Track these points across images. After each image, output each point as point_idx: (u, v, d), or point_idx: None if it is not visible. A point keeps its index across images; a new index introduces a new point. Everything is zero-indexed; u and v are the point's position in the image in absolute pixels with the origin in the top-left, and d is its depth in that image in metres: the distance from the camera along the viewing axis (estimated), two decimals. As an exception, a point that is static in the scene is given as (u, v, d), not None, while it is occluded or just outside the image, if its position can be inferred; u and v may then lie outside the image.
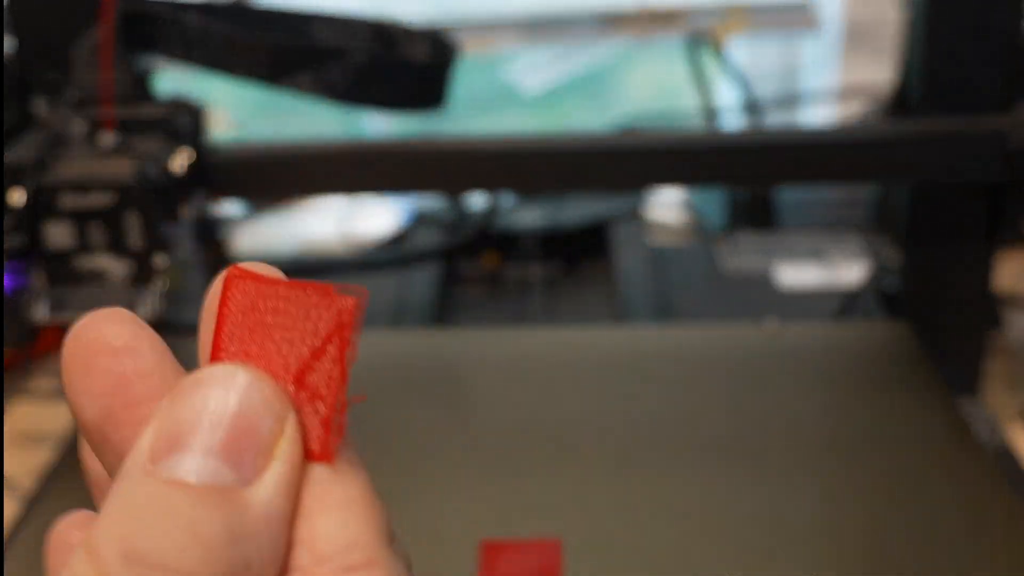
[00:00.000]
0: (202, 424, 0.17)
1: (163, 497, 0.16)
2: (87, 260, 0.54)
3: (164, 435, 0.17)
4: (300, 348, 0.18)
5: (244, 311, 0.18)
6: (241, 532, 0.16)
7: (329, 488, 0.18)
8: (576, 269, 0.86)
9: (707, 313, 0.75)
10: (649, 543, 0.50)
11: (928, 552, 0.48)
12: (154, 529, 0.16)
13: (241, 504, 0.17)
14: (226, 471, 0.17)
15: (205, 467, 0.17)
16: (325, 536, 0.17)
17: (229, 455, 0.17)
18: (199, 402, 0.17)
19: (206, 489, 0.16)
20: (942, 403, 0.59)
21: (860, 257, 0.81)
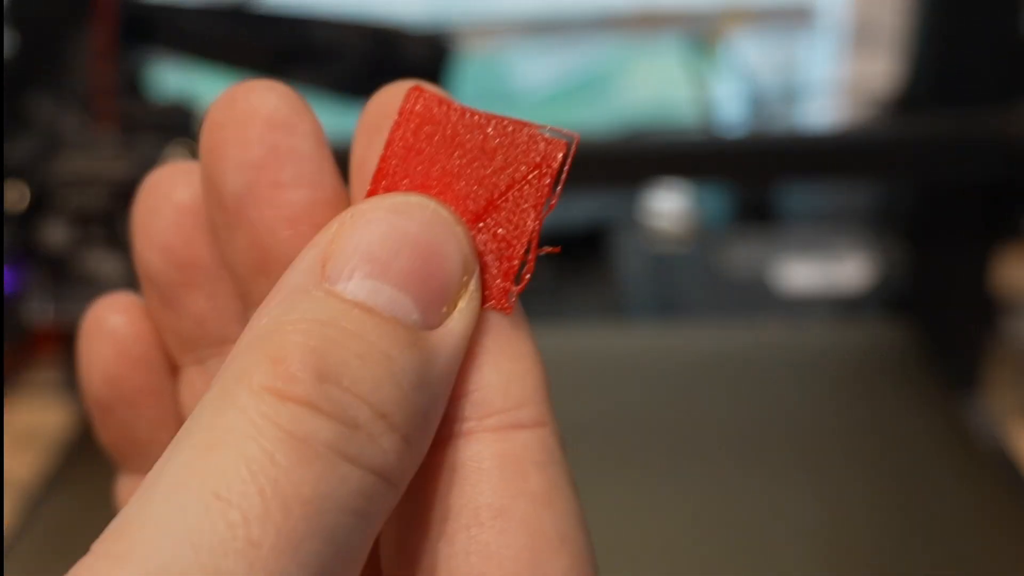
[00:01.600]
0: (391, 251, 0.15)
1: (355, 319, 0.14)
2: (86, 259, 0.54)
3: (345, 252, 0.15)
4: (488, 184, 0.16)
5: (421, 132, 0.16)
6: (426, 380, 0.15)
7: (503, 340, 0.16)
8: (576, 269, 0.86)
9: (707, 313, 0.75)
10: (649, 543, 0.49)
11: (928, 551, 0.48)
12: (349, 353, 0.14)
13: (428, 348, 0.15)
14: (413, 309, 0.15)
15: (392, 298, 0.15)
16: (497, 388, 0.16)
17: (417, 292, 0.15)
18: (389, 228, 0.15)
19: (397, 322, 0.15)
20: (942, 403, 0.59)
21: (861, 256, 0.80)
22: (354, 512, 0.14)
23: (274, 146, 0.17)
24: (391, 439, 0.14)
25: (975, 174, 0.60)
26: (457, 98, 0.17)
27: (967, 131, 0.59)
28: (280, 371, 0.14)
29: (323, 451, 0.13)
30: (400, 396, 0.14)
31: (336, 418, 0.14)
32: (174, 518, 0.13)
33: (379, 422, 0.14)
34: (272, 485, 0.13)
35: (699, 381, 0.62)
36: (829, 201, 0.91)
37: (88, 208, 0.53)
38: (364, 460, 0.14)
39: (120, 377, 0.20)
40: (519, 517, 0.15)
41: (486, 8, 1.28)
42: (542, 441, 0.16)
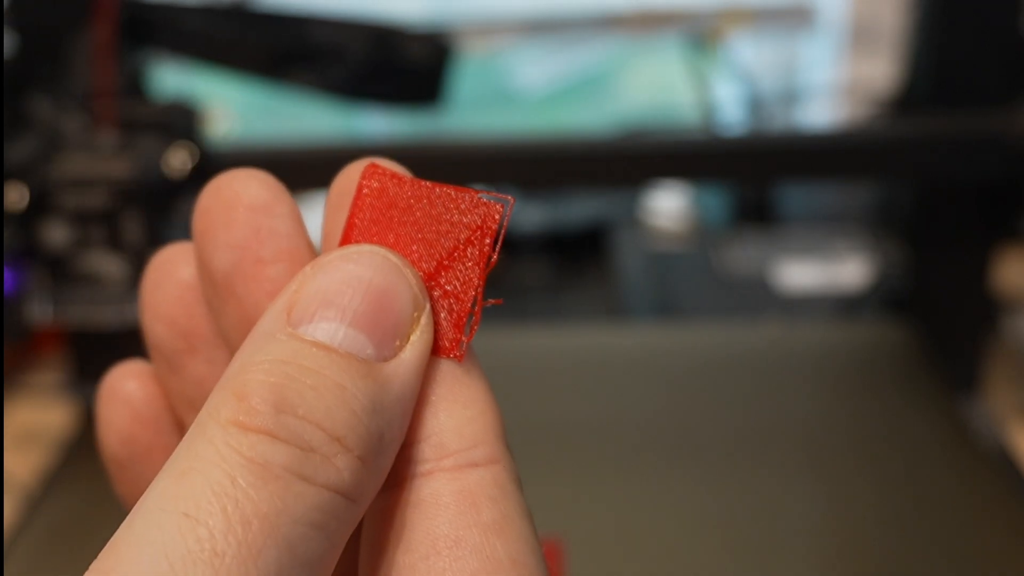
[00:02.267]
0: (347, 295, 0.17)
1: (310, 356, 0.16)
2: (86, 259, 0.54)
3: (307, 299, 0.17)
4: (437, 246, 0.18)
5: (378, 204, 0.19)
6: (380, 405, 0.17)
7: (456, 386, 0.18)
8: (576, 269, 0.86)
9: (707, 313, 0.75)
10: (649, 543, 0.50)
11: (928, 551, 0.48)
12: (304, 384, 0.16)
13: (381, 378, 0.17)
14: (367, 344, 0.17)
15: (348, 336, 0.17)
16: (451, 431, 0.18)
17: (370, 330, 0.17)
18: (345, 274, 0.17)
19: (351, 356, 0.17)
20: (942, 403, 0.59)
21: (861, 256, 0.80)
22: (311, 525, 0.15)
23: (256, 227, 0.19)
24: (345, 459, 0.16)
25: (975, 174, 0.60)
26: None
27: (967, 131, 0.59)
28: (243, 406, 0.16)
29: (280, 472, 0.15)
30: (354, 421, 0.16)
31: (292, 443, 0.16)
32: (151, 536, 0.15)
33: (333, 444, 0.16)
34: (233, 504, 0.15)
35: (699, 381, 0.62)
36: (829, 201, 0.91)
37: (88, 208, 0.53)
38: (319, 479, 0.16)
39: (134, 437, 0.22)
40: (472, 545, 0.17)
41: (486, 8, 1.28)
42: (494, 477, 0.18)
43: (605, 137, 0.64)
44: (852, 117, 1.01)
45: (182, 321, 0.21)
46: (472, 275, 0.18)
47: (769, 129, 0.88)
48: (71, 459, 0.58)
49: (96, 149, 0.55)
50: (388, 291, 0.17)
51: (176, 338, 0.21)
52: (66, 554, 0.51)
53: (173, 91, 0.61)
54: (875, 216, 0.85)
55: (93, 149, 0.55)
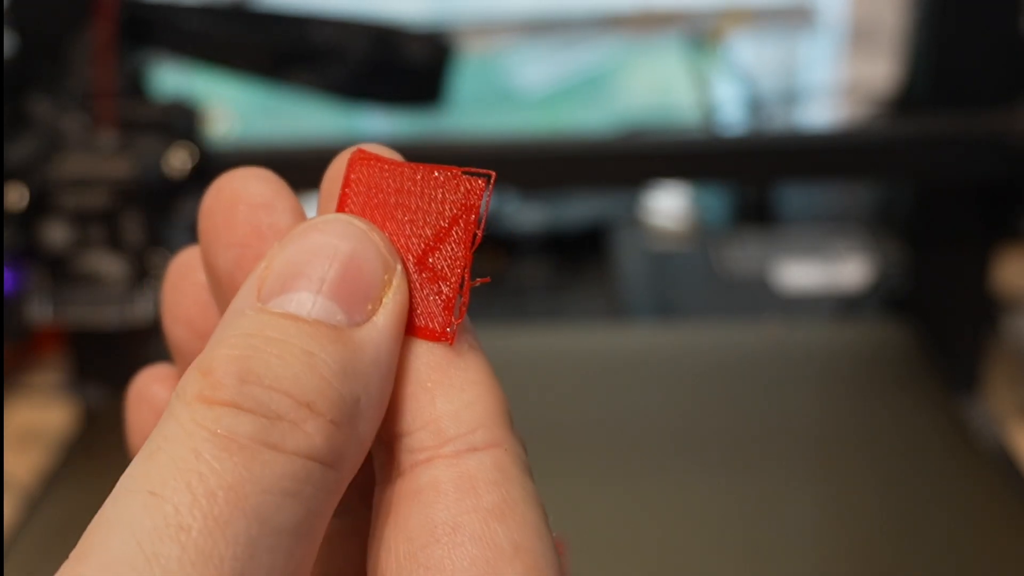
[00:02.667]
0: (314, 265, 0.17)
1: (276, 326, 0.16)
2: (86, 259, 0.54)
3: (275, 274, 0.17)
4: (424, 229, 0.18)
5: (366, 190, 0.19)
6: (352, 369, 0.17)
7: (452, 370, 0.18)
8: (576, 269, 0.86)
9: (707, 313, 0.75)
10: (650, 542, 0.50)
11: (928, 551, 0.48)
12: (269, 354, 0.16)
13: (352, 343, 0.17)
14: (336, 311, 0.17)
15: (316, 304, 0.17)
16: (449, 416, 0.17)
17: (340, 296, 0.17)
18: (312, 245, 0.17)
19: (318, 323, 0.17)
20: (942, 403, 0.59)
21: (861, 256, 0.80)
22: (283, 492, 0.15)
23: (256, 225, 0.19)
24: (315, 423, 0.16)
25: (975, 174, 0.60)
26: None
27: (967, 131, 0.59)
28: (207, 380, 0.16)
29: (246, 442, 0.15)
30: (323, 385, 0.16)
31: (257, 412, 0.16)
32: (120, 517, 0.15)
33: (301, 410, 0.16)
34: (197, 477, 0.15)
35: (699, 381, 0.62)
36: (829, 201, 0.91)
37: (88, 208, 0.53)
38: (288, 446, 0.16)
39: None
40: (471, 531, 0.17)
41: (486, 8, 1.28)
42: (495, 460, 0.17)
43: (605, 137, 0.64)
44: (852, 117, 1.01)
45: (200, 323, 0.21)
46: (458, 255, 0.18)
47: (769, 129, 0.88)
48: (71, 459, 0.58)
49: (96, 149, 0.55)
50: (355, 256, 0.17)
51: (196, 340, 0.21)
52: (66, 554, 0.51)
53: (173, 91, 0.61)
54: (875, 216, 0.85)
55: (93, 149, 0.55)
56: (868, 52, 1.16)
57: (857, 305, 0.73)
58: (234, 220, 0.19)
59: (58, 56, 0.58)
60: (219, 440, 0.15)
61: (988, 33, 0.59)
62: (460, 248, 0.18)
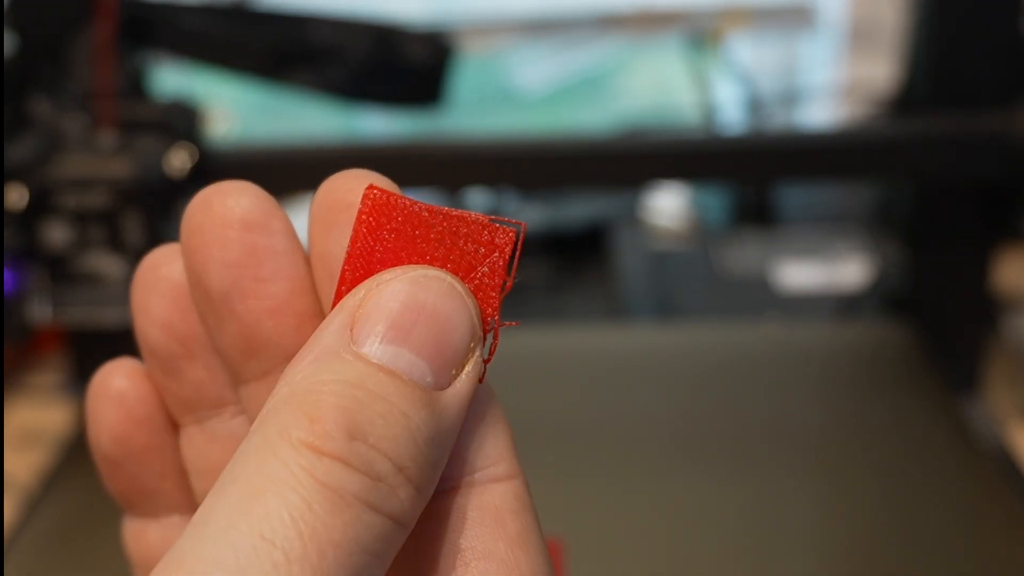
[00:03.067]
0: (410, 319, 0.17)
1: (378, 382, 0.17)
2: (86, 259, 0.54)
3: (370, 320, 0.17)
4: (450, 271, 0.18)
5: (384, 232, 0.18)
6: (438, 436, 0.17)
7: (476, 406, 0.18)
8: (576, 269, 0.86)
9: (707, 313, 0.75)
10: (649, 543, 0.50)
11: (928, 552, 0.48)
12: (374, 413, 0.16)
13: (439, 407, 0.17)
14: (427, 373, 0.17)
15: (411, 363, 0.17)
16: (474, 449, 0.18)
17: (431, 357, 0.17)
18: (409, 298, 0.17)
19: (414, 385, 0.17)
20: (942, 403, 0.59)
21: (861, 256, 0.80)
22: (374, 553, 0.16)
23: (252, 246, 0.19)
24: (407, 490, 0.16)
25: (975, 174, 0.60)
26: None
27: (967, 131, 0.59)
28: (316, 429, 0.16)
29: (352, 501, 0.16)
30: (416, 451, 0.17)
31: (363, 472, 0.16)
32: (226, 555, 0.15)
33: (398, 475, 0.16)
34: (310, 530, 0.15)
35: (699, 381, 0.62)
36: (829, 201, 0.91)
37: (88, 208, 0.53)
38: (385, 508, 0.16)
39: (127, 436, 0.22)
40: (499, 558, 0.18)
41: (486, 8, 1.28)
42: (515, 492, 0.18)
43: (605, 137, 0.64)
44: (852, 117, 1.01)
45: (178, 325, 0.21)
46: (489, 299, 0.18)
47: (769, 129, 0.88)
48: (71, 459, 0.58)
49: (96, 149, 0.55)
50: (451, 320, 0.17)
51: (172, 342, 0.21)
52: (66, 554, 0.51)
53: (173, 91, 0.61)
54: (875, 216, 0.85)
55: (93, 149, 0.55)
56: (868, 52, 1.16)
57: (857, 305, 0.73)
58: (227, 240, 0.19)
59: (58, 56, 0.58)
60: (329, 494, 0.15)
61: (988, 33, 0.59)
62: (492, 293, 0.18)
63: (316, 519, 0.15)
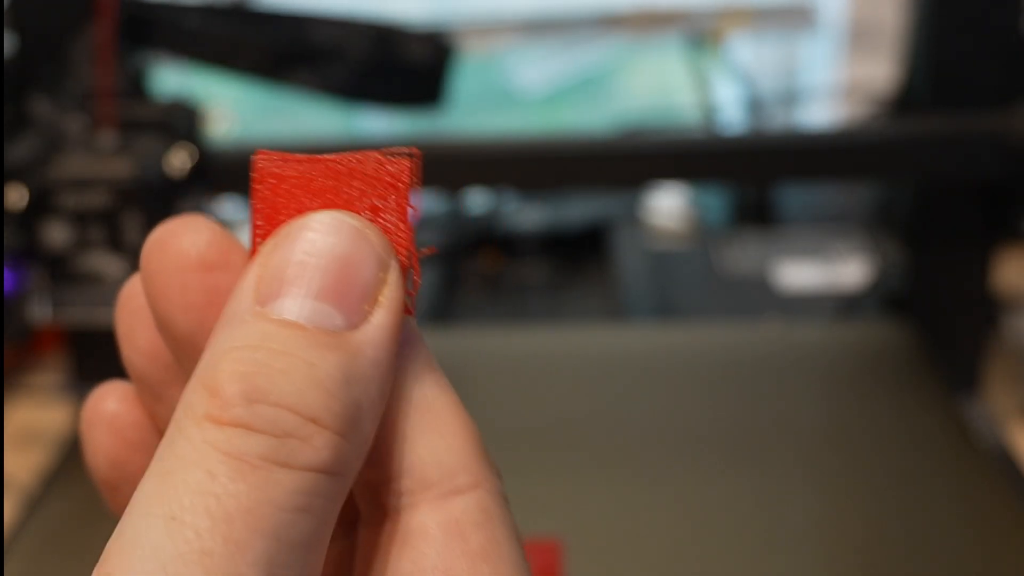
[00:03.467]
0: (309, 267, 0.17)
1: (278, 337, 0.16)
2: (86, 259, 0.54)
3: (270, 277, 0.17)
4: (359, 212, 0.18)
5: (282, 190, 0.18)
6: (353, 375, 0.17)
7: (430, 415, 0.18)
8: (576, 269, 0.86)
9: (707, 313, 0.75)
10: (649, 543, 0.50)
11: (928, 552, 0.48)
12: (273, 369, 0.16)
13: (352, 347, 0.17)
14: (335, 314, 0.17)
15: (315, 309, 0.17)
16: (431, 463, 0.18)
17: (337, 299, 0.17)
18: (306, 245, 0.17)
19: (319, 331, 0.17)
20: (942, 403, 0.59)
21: (860, 257, 0.80)
22: (296, 509, 0.16)
23: (214, 287, 0.19)
24: (323, 437, 0.16)
25: (975, 174, 0.60)
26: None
27: (966, 131, 0.59)
28: (216, 401, 0.16)
29: (258, 463, 0.16)
30: (327, 397, 0.16)
31: (267, 432, 0.16)
32: (141, 541, 0.15)
33: (308, 426, 0.16)
34: (215, 501, 0.15)
35: (699, 381, 0.62)
36: (829, 202, 0.91)
37: (88, 208, 0.53)
38: (298, 462, 0.16)
39: (124, 460, 0.22)
40: (460, 575, 0.17)
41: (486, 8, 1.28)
42: (478, 503, 0.18)
43: (605, 137, 0.64)
44: (852, 117, 1.01)
45: (162, 353, 0.21)
46: (400, 231, 0.18)
47: (769, 129, 0.88)
48: (71, 459, 0.58)
49: (96, 149, 0.55)
50: (351, 256, 0.17)
51: (158, 370, 0.21)
52: (66, 554, 0.51)
53: (173, 91, 0.61)
54: (875, 216, 0.85)
55: (93, 149, 0.55)
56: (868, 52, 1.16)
57: (857, 305, 0.73)
58: (186, 284, 0.19)
59: (58, 56, 0.58)
60: (232, 461, 0.16)
61: (988, 33, 0.59)
62: (400, 225, 0.18)
63: (220, 488, 0.15)
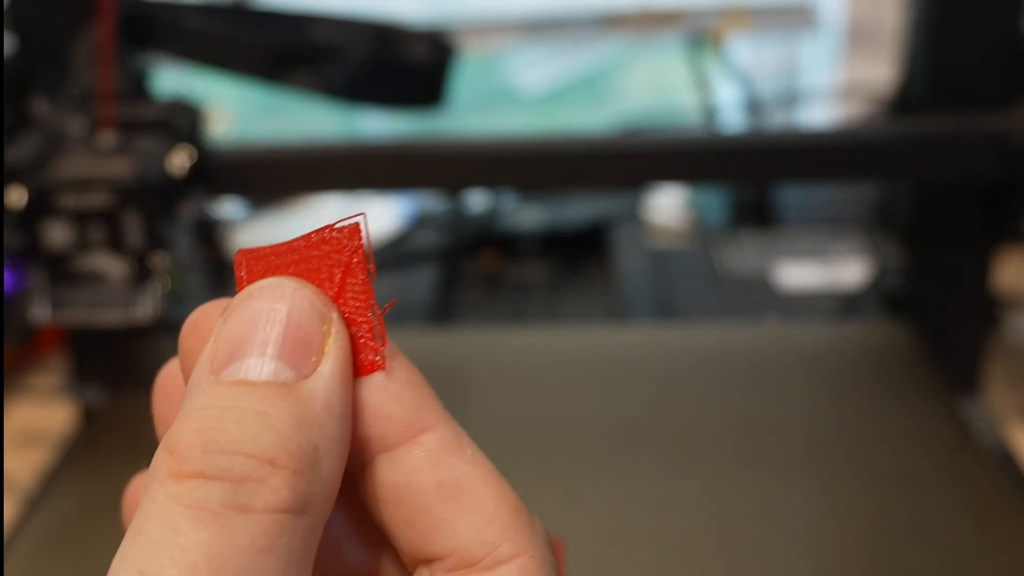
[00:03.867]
0: (257, 330, 0.18)
1: (231, 395, 0.18)
2: (86, 260, 0.54)
3: (224, 347, 0.18)
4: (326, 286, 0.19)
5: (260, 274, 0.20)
6: (306, 419, 0.18)
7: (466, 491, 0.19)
8: (576, 269, 0.86)
9: (707, 313, 0.75)
10: (649, 542, 0.50)
11: (928, 552, 0.48)
12: (227, 421, 0.17)
13: (302, 395, 0.18)
14: (284, 369, 0.18)
15: (265, 368, 0.18)
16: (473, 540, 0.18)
17: (285, 355, 0.18)
18: (252, 311, 0.18)
19: (269, 384, 0.18)
20: (942, 403, 0.59)
21: (860, 257, 0.81)
22: (260, 551, 0.16)
23: None
24: (280, 477, 0.17)
25: (974, 174, 0.60)
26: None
27: (966, 131, 0.59)
28: (175, 457, 0.17)
29: (218, 510, 0.16)
30: (280, 440, 0.17)
31: (223, 478, 0.17)
32: None
33: (264, 467, 0.17)
34: (180, 551, 0.16)
35: (698, 381, 0.62)
36: (828, 202, 0.91)
37: (88, 208, 0.53)
38: (258, 504, 0.17)
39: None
40: None
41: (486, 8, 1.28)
42: (521, 569, 0.18)
43: (605, 137, 0.64)
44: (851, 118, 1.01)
45: None
46: (361, 293, 0.19)
47: (769, 129, 0.88)
48: (71, 459, 0.58)
49: (96, 149, 0.55)
50: (292, 314, 0.18)
51: None
52: (66, 554, 0.51)
53: (173, 91, 0.61)
54: (875, 217, 0.85)
55: (93, 149, 0.55)
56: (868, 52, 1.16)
57: (857, 305, 0.73)
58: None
59: (59, 56, 0.58)
60: (192, 512, 0.16)
61: (988, 33, 0.59)
62: (361, 287, 0.19)
63: (185, 540, 0.16)
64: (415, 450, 0.19)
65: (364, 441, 0.19)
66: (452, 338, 0.70)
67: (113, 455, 0.57)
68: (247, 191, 0.72)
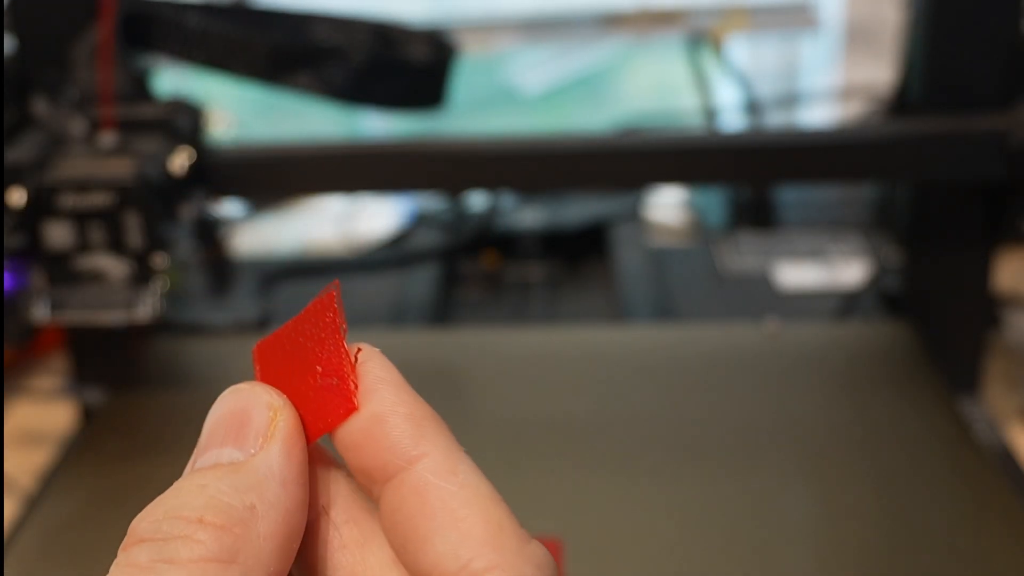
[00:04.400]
0: (218, 426, 0.21)
1: (188, 480, 0.20)
2: (87, 260, 0.54)
3: (199, 445, 0.21)
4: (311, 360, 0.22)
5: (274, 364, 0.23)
6: (243, 484, 0.20)
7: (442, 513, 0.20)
8: (576, 269, 0.86)
9: (707, 313, 0.75)
10: (649, 543, 0.50)
11: (928, 552, 0.48)
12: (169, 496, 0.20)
13: (244, 467, 0.20)
14: (234, 452, 0.21)
15: (219, 454, 0.21)
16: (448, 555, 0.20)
17: (235, 441, 0.21)
18: (216, 413, 0.22)
19: (218, 465, 0.21)
20: (942, 403, 0.59)
21: (860, 257, 0.81)
22: None
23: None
24: (206, 532, 0.19)
25: (974, 174, 0.60)
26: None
27: (966, 132, 0.59)
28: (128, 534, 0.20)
29: (149, 565, 0.19)
30: (211, 502, 0.19)
31: (156, 538, 0.19)
32: None
33: (192, 525, 0.19)
34: None
35: (698, 381, 0.62)
36: (828, 203, 0.91)
37: (88, 208, 0.53)
38: (183, 556, 0.19)
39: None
40: None
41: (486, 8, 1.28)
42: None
43: (605, 137, 0.64)
44: (851, 118, 1.01)
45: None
46: (337, 352, 0.22)
47: (769, 130, 0.88)
48: (71, 459, 0.58)
49: (97, 149, 0.55)
50: (243, 410, 0.21)
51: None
52: (66, 554, 0.51)
53: (173, 91, 0.61)
54: (874, 217, 0.85)
55: (94, 149, 0.55)
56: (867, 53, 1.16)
57: (856, 306, 0.73)
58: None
59: (59, 57, 0.58)
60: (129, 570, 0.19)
61: (987, 33, 0.59)
62: (337, 348, 0.22)
63: None
64: (407, 477, 0.20)
65: (370, 474, 0.21)
66: (452, 338, 0.70)
67: (113, 455, 0.57)
68: (247, 191, 0.72)
